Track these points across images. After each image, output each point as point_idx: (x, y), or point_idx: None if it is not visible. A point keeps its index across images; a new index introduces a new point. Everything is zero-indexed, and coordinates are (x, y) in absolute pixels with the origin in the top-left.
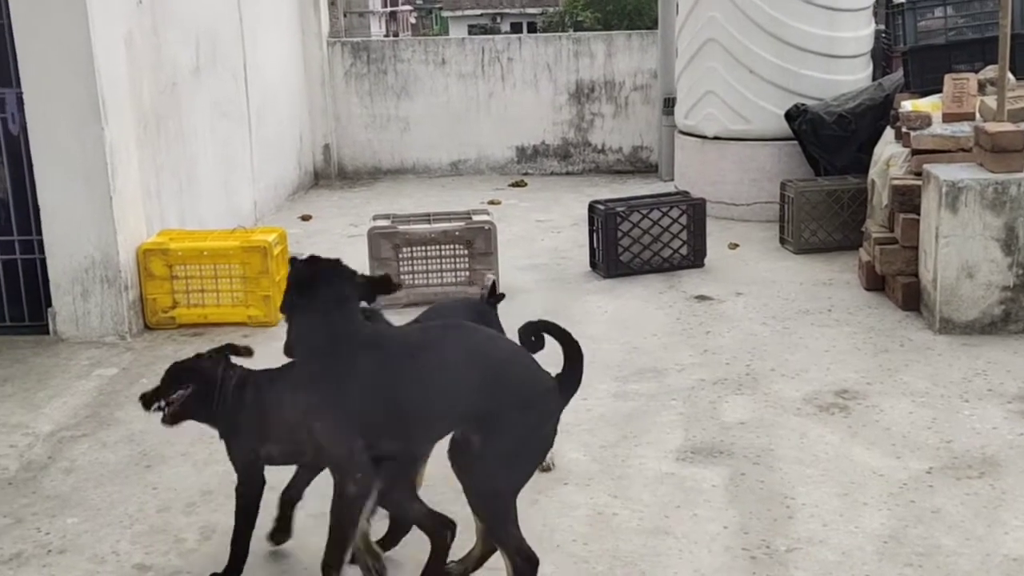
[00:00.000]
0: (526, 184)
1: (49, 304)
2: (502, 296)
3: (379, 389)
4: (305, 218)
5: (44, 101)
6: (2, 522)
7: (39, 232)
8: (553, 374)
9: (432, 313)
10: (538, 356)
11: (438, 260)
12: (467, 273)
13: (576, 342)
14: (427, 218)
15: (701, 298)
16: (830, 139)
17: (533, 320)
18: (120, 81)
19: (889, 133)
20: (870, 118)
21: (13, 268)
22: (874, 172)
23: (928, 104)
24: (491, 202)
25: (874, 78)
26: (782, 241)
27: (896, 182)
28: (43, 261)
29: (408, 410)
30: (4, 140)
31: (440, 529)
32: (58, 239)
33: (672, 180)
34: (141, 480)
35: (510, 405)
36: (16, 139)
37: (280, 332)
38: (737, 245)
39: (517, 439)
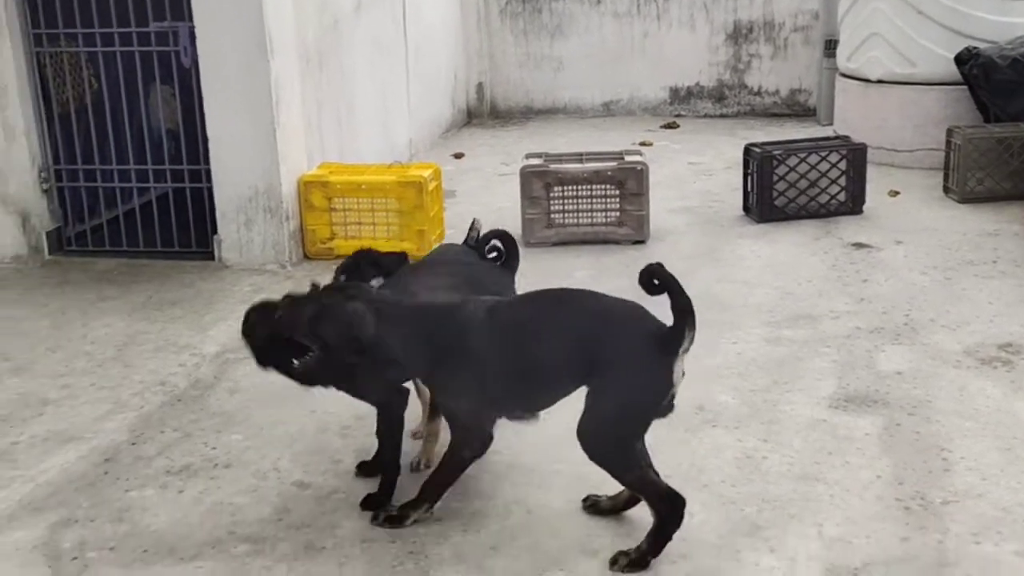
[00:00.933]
0: (678, 126)
1: (215, 231)
2: (487, 239)
3: (498, 364)
4: (458, 156)
5: (215, 35)
6: (173, 435)
7: (207, 162)
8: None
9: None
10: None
11: (589, 200)
12: (617, 213)
13: (684, 294)
14: (579, 158)
15: (858, 245)
16: (1003, 84)
17: (653, 265)
18: (286, 17)
19: None
20: None
21: (182, 196)
22: None
23: None
24: (643, 143)
25: None
26: (946, 189)
27: None
28: (210, 190)
29: (526, 379)
30: (177, 72)
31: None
32: (224, 169)
33: (831, 124)
34: (300, 403)
35: (611, 357)
36: (188, 71)
37: None
38: (898, 192)
39: (621, 389)
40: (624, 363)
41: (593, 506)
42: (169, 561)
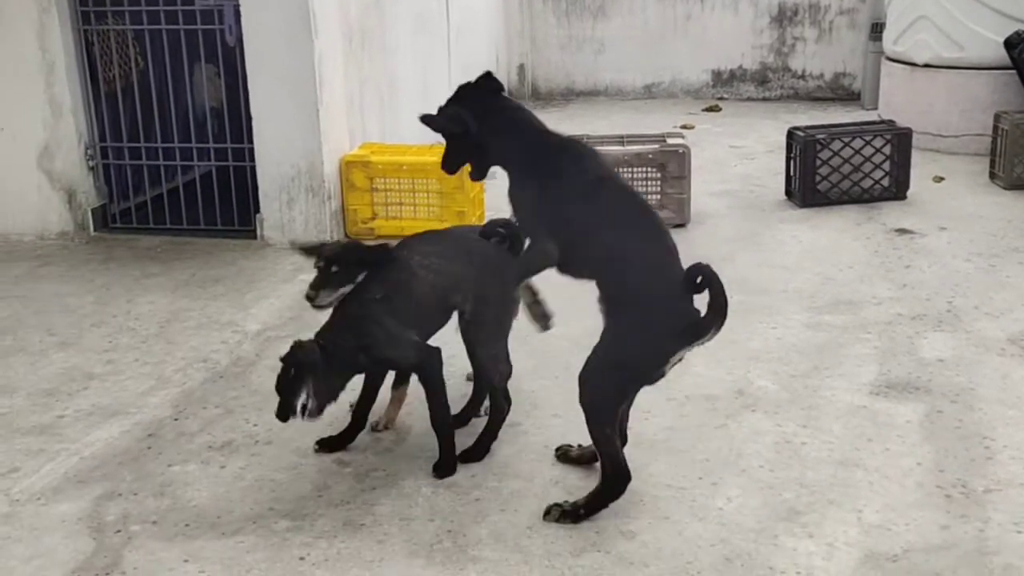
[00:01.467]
0: (720, 109)
1: (257, 210)
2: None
3: (573, 202)
4: None
5: (259, 13)
6: (214, 412)
7: (250, 141)
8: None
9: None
10: None
11: (630, 182)
12: (659, 196)
13: (725, 298)
14: (620, 140)
15: (901, 231)
16: None
17: (701, 264)
18: None
19: None
20: None
21: (225, 174)
22: None
23: None
24: (684, 126)
25: None
26: (992, 176)
27: None
28: (253, 169)
29: (579, 233)
30: (221, 51)
31: (502, 402)
32: (267, 148)
33: (875, 109)
34: None
35: (645, 310)
36: (232, 50)
37: None
38: (942, 178)
39: (629, 346)
40: (648, 323)
41: (564, 455)
42: (211, 535)
